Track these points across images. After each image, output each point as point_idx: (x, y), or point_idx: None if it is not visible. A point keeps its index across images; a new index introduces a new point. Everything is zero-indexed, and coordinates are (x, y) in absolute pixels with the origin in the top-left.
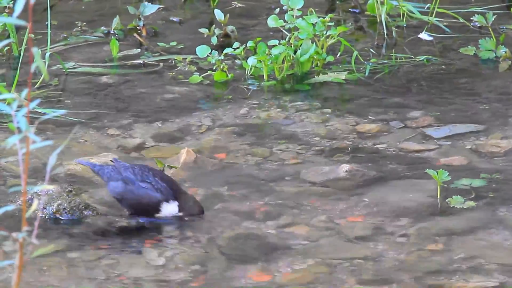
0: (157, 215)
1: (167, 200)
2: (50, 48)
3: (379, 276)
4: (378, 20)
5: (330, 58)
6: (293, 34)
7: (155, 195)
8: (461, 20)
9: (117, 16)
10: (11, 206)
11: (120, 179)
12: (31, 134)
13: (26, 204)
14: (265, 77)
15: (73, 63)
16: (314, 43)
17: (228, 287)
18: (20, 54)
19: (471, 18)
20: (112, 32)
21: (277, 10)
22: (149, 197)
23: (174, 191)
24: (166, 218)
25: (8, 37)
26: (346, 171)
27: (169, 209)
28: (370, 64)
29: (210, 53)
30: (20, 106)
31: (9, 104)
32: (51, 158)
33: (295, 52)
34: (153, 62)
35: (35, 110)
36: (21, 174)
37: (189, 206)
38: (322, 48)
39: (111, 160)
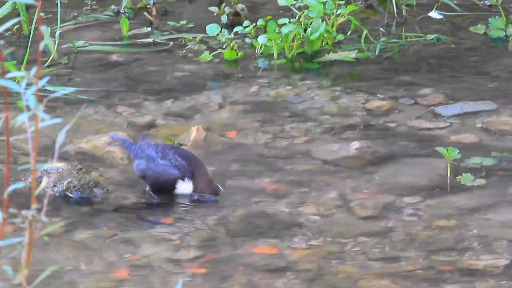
0: (174, 192)
1: (183, 178)
2: (60, 27)
3: (389, 254)
4: None
5: (340, 37)
6: (303, 12)
7: (172, 172)
8: None
9: None
10: (21, 184)
11: (144, 157)
12: (40, 112)
13: (35, 182)
14: (275, 56)
15: (83, 42)
16: (324, 22)
17: (238, 264)
18: (30, 33)
19: None
20: (122, 10)
21: None
22: (166, 174)
23: (193, 170)
24: (181, 196)
25: (18, 15)
26: (356, 148)
27: (184, 187)
28: (380, 43)
29: (220, 31)
30: (29, 84)
31: (18, 82)
32: (59, 135)
33: (305, 30)
34: (163, 41)
35: (44, 88)
36: (30, 152)
37: (203, 186)
38: (332, 27)
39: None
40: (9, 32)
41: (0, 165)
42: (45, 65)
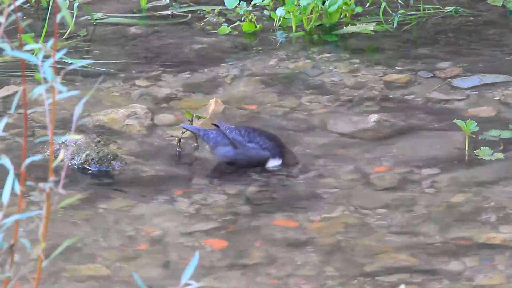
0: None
1: (274, 157)
2: None
3: (407, 227)
4: None
5: (359, 9)
6: None
7: (264, 154)
8: None
9: None
10: (38, 156)
11: (228, 143)
12: (57, 84)
13: (53, 154)
14: (293, 28)
15: (102, 14)
16: None
17: (257, 237)
18: (48, 5)
19: None
20: None
21: None
22: (259, 157)
23: (280, 148)
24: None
25: None
26: (374, 121)
27: (274, 163)
28: (398, 15)
29: (239, 4)
30: (47, 57)
31: (35, 54)
32: (77, 108)
33: (323, 2)
34: (181, 13)
35: (63, 60)
36: (47, 124)
37: (288, 157)
38: None
39: (213, 124)
40: (28, 4)
41: (18, 138)
42: (63, 37)
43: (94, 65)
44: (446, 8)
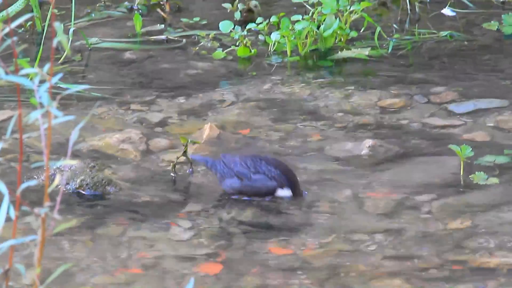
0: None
1: (281, 186)
2: (73, 24)
3: (402, 252)
4: None
5: (354, 34)
6: (317, 9)
7: (271, 184)
8: None
9: None
10: (34, 181)
11: (234, 175)
12: (53, 108)
13: (48, 179)
14: (288, 53)
15: (97, 39)
16: (338, 18)
17: (252, 262)
18: (43, 30)
19: None
20: (135, 7)
21: None
22: (266, 187)
23: (288, 177)
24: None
25: (32, 12)
26: (369, 146)
27: (283, 193)
28: (393, 40)
29: (233, 28)
30: (42, 81)
31: (31, 79)
32: (73, 133)
33: (318, 27)
34: (176, 38)
35: (58, 85)
36: (43, 149)
37: (298, 190)
38: (345, 24)
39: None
40: (23, 29)
41: (13, 163)
42: (59, 62)
43: (89, 90)
44: (441, 32)
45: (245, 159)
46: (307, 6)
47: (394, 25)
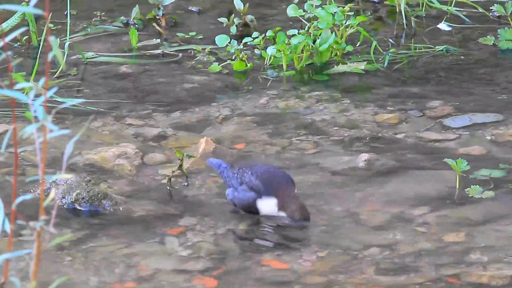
0: (260, 215)
1: (259, 197)
2: (69, 38)
3: (398, 265)
4: (397, 10)
5: (349, 48)
6: (313, 23)
7: (248, 196)
8: (480, 10)
9: (137, 5)
10: (29, 195)
11: (231, 186)
12: (48, 123)
13: (44, 193)
14: (284, 67)
15: (92, 53)
16: (334, 33)
17: (247, 277)
18: (39, 44)
19: (490, 8)
20: (131, 22)
21: None
22: (247, 199)
23: (273, 188)
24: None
25: (27, 26)
26: (365, 160)
27: (265, 206)
28: (389, 54)
29: (229, 42)
30: (38, 95)
31: (26, 93)
32: (68, 147)
33: (314, 41)
34: (172, 52)
35: (54, 99)
36: (38, 163)
37: (291, 209)
38: (341, 38)
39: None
40: (18, 43)
41: (9, 177)
42: (54, 76)
43: (84, 104)
44: (437, 47)
45: (239, 171)
46: (303, 20)
47: (390, 40)
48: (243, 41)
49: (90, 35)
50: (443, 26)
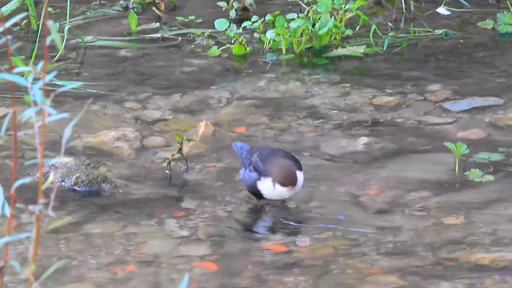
0: (264, 198)
1: (259, 178)
2: (69, 22)
3: (398, 249)
4: None
5: (349, 32)
6: (312, 7)
7: (252, 176)
8: None
9: None
10: (28, 178)
11: (243, 166)
12: (47, 106)
13: (43, 176)
14: (283, 51)
15: (92, 37)
16: (333, 17)
17: (247, 260)
18: (38, 28)
19: None
20: (130, 6)
21: None
22: (250, 179)
23: (270, 167)
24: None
25: (27, 11)
26: (364, 144)
27: (263, 187)
28: (388, 38)
29: (229, 26)
30: (37, 79)
31: (25, 77)
32: (66, 130)
33: (313, 25)
34: (171, 36)
35: (53, 83)
36: (37, 146)
37: (279, 178)
38: (340, 22)
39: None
40: (18, 27)
41: (8, 160)
42: (54, 60)
43: (84, 87)
44: (436, 30)
45: (250, 151)
46: (302, 4)
47: (389, 24)
48: (243, 25)
49: (90, 19)
50: (442, 10)
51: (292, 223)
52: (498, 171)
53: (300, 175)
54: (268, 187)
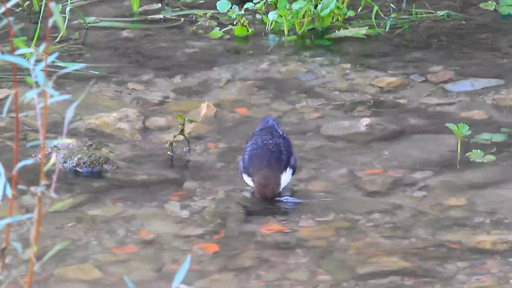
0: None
1: (243, 172)
2: (70, 3)
3: (399, 230)
4: None
5: (351, 13)
6: None
7: (240, 164)
8: None
9: None
10: (30, 160)
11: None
12: (49, 88)
13: (44, 158)
14: (285, 32)
15: (94, 18)
16: None
17: (247, 240)
18: (40, 9)
19: None
20: None
21: None
22: (239, 165)
23: (254, 168)
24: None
25: None
26: (366, 125)
27: (248, 181)
28: (391, 19)
29: (231, 7)
30: (39, 61)
31: (27, 58)
32: (68, 111)
33: (316, 7)
34: (173, 17)
35: (55, 64)
36: (39, 128)
37: (256, 185)
38: (342, 3)
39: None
40: (20, 8)
41: (10, 142)
42: (56, 41)
43: (86, 68)
44: (438, 12)
45: (255, 132)
46: None
47: (391, 5)
48: (245, 6)
49: (92, 0)
50: None
51: (290, 199)
52: (501, 152)
53: (285, 177)
54: (250, 184)
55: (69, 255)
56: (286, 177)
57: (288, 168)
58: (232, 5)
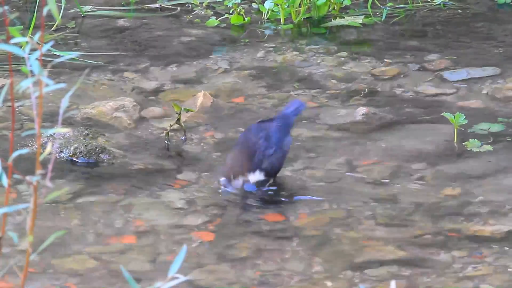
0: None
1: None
2: None
3: (396, 219)
4: None
5: (347, 2)
6: None
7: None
8: None
9: None
10: (26, 149)
11: None
12: (44, 77)
13: (40, 147)
14: (282, 21)
15: (90, 7)
16: None
17: (244, 229)
18: None
19: None
20: None
21: None
22: None
23: (228, 157)
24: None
25: None
26: (362, 114)
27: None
28: (387, 8)
29: None
30: (34, 49)
31: (23, 47)
32: (63, 100)
33: None
34: (170, 6)
35: (51, 53)
36: (35, 117)
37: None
38: None
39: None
40: None
41: (6, 131)
42: (51, 29)
43: (82, 57)
44: (435, 1)
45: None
46: None
47: None
48: None
49: None
50: None
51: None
52: (497, 142)
53: (253, 176)
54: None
55: (65, 245)
56: (254, 176)
57: (258, 170)
58: None
